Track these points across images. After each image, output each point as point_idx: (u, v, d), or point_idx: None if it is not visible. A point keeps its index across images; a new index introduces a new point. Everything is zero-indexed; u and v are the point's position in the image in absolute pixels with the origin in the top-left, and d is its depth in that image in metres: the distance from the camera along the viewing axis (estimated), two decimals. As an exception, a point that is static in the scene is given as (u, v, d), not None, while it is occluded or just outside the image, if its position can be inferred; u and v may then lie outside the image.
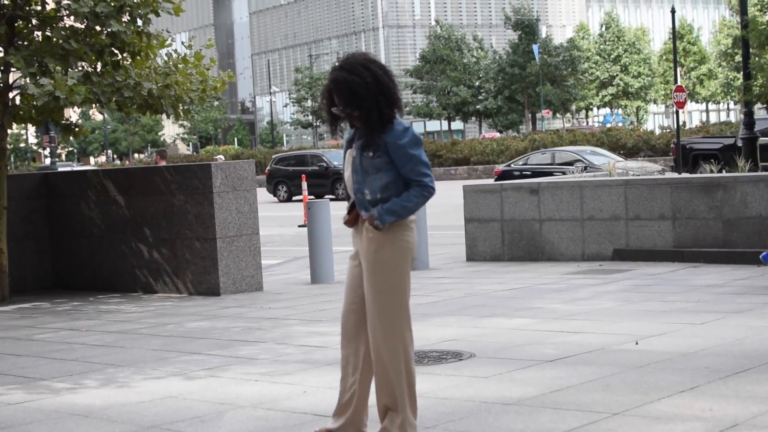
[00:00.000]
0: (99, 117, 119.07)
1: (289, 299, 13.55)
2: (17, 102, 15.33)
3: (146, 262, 15.20)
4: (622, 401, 6.95)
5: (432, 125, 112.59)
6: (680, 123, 40.26)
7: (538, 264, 15.93)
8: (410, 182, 5.99)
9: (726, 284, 12.55)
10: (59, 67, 13.96)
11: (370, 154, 5.97)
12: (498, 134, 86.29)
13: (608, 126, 74.14)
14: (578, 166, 32.19)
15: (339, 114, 5.99)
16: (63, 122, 15.92)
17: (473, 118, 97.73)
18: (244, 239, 14.53)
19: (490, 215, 16.77)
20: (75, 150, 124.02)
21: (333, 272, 14.99)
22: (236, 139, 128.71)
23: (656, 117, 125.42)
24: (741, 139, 29.10)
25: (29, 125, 18.03)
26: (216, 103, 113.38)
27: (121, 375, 8.97)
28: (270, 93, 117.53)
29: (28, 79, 13.99)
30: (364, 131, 6.00)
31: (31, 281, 16.38)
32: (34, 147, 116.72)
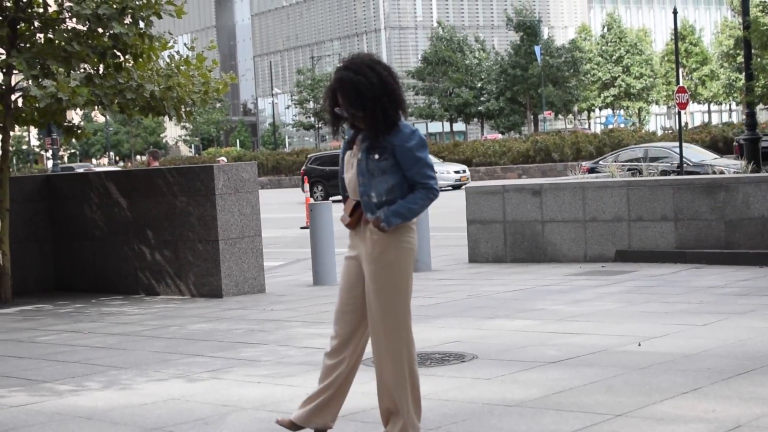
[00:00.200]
0: (101, 119, 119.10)
1: (292, 301, 13.55)
2: (19, 104, 15.34)
3: (148, 264, 15.20)
4: (625, 403, 6.95)
5: (434, 127, 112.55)
6: (682, 124, 40.21)
7: (541, 265, 15.93)
8: (416, 185, 5.98)
9: (728, 285, 12.54)
10: (61, 69, 13.97)
11: (376, 157, 5.95)
12: (500, 136, 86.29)
13: (610, 127, 74.14)
14: (670, 163, 30.59)
15: (341, 114, 5.98)
16: (65, 124, 15.93)
17: (475, 120, 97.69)
18: (247, 241, 14.53)
19: (493, 217, 16.77)
20: (77, 152, 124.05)
21: (335, 274, 14.99)
22: (238, 141, 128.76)
23: (658, 118, 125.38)
24: (743, 140, 29.10)
25: (31, 127, 18.06)
26: (218, 105, 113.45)
27: (124, 377, 8.98)
28: (272, 95, 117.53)
29: (31, 81, 14.00)
30: (369, 133, 5.98)
31: (34, 283, 16.39)
32: (37, 149, 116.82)
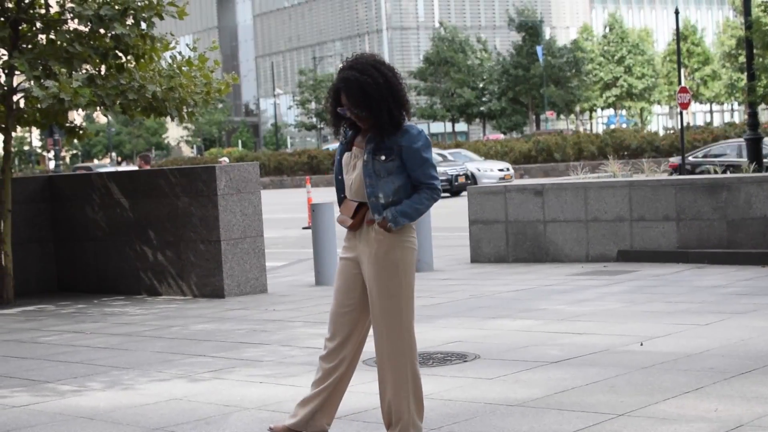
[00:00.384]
0: (103, 120, 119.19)
1: (294, 301, 13.56)
2: (21, 105, 15.35)
3: (151, 265, 15.21)
4: (627, 402, 6.95)
5: (436, 127, 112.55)
6: (684, 124, 40.17)
7: (543, 265, 15.93)
8: (420, 185, 5.99)
9: (730, 285, 12.54)
10: (63, 70, 13.97)
11: (383, 158, 5.94)
12: (502, 136, 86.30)
13: (612, 127, 74.11)
14: None
15: (343, 114, 5.97)
16: (67, 125, 15.94)
17: (477, 120, 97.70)
18: (249, 241, 14.54)
19: (495, 217, 16.77)
20: (79, 153, 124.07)
21: (337, 274, 14.98)
22: (240, 142, 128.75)
23: (660, 118, 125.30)
24: (746, 140, 29.08)
25: (33, 128, 18.07)
26: (220, 106, 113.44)
27: (126, 377, 8.98)
28: (274, 95, 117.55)
29: (33, 82, 14.00)
30: (374, 134, 5.97)
31: (36, 284, 16.39)
32: (39, 150, 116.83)
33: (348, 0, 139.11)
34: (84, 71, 14.54)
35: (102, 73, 14.76)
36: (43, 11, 14.93)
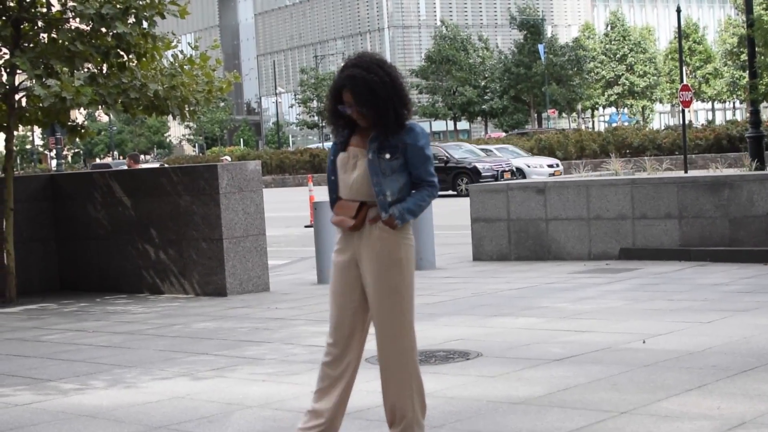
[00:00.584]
0: (105, 118, 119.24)
1: (296, 299, 13.56)
2: (23, 104, 15.36)
3: (153, 263, 15.21)
4: (630, 400, 6.94)
5: (438, 125, 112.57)
6: (686, 122, 40.18)
7: (545, 263, 15.92)
8: (422, 182, 5.99)
9: (733, 283, 12.54)
10: (65, 69, 13.98)
11: (387, 156, 5.93)
12: (503, 134, 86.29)
13: (614, 125, 74.05)
14: None
15: (344, 112, 5.96)
16: (69, 124, 15.94)
17: (479, 118, 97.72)
18: (251, 240, 14.54)
19: (497, 215, 16.76)
20: (81, 151, 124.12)
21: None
22: (242, 140, 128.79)
23: (662, 116, 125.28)
24: (748, 138, 29.08)
25: (35, 127, 18.07)
26: (222, 104, 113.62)
27: (129, 376, 8.98)
28: (276, 94, 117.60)
29: (34, 81, 14.01)
30: (378, 133, 5.95)
31: (38, 283, 16.40)
32: (40, 149, 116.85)
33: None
34: (86, 70, 14.54)
35: (104, 72, 14.76)
36: (45, 10, 14.93)
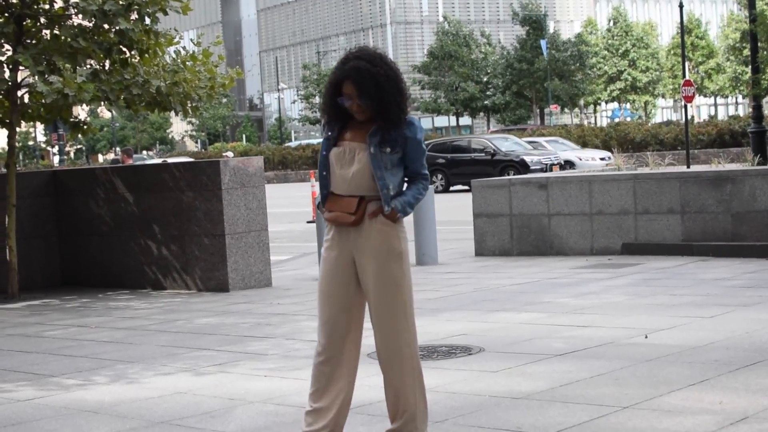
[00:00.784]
0: (107, 115, 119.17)
1: (298, 295, 13.56)
2: (26, 100, 15.36)
3: (155, 259, 15.22)
4: (632, 395, 6.95)
5: (440, 121, 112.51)
6: (689, 117, 40.16)
7: (547, 258, 15.93)
8: (417, 176, 6.00)
9: (735, 278, 12.54)
10: (68, 65, 13.98)
11: (388, 150, 5.92)
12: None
13: (617, 120, 74.02)
14: None
15: (342, 104, 5.93)
16: (71, 120, 15.95)
17: (481, 114, 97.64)
18: (253, 235, 14.54)
19: (499, 210, 16.76)
20: (83, 148, 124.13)
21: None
22: (244, 136, 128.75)
23: (664, 111, 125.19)
24: (750, 133, 29.08)
25: (38, 123, 18.07)
26: (224, 100, 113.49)
27: (131, 371, 8.99)
28: (278, 90, 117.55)
29: (37, 77, 14.00)
30: (379, 126, 5.93)
31: (40, 279, 16.41)
32: (43, 145, 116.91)
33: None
34: (88, 66, 14.54)
35: (106, 68, 14.75)
36: (48, 6, 14.94)
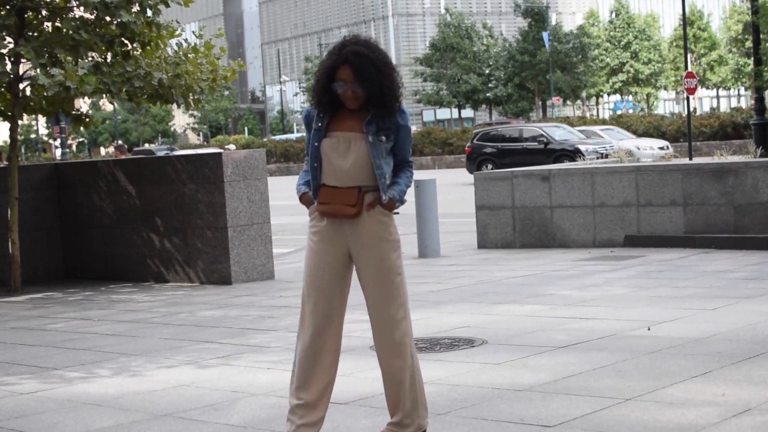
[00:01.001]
0: (109, 107, 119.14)
1: (301, 287, 13.52)
2: (28, 93, 15.35)
3: (158, 252, 15.22)
4: (635, 387, 6.95)
5: (442, 113, 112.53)
6: (691, 109, 40.12)
7: (550, 251, 15.93)
8: (404, 164, 6.00)
9: (737, 270, 12.53)
10: (69, 58, 13.97)
11: (383, 138, 5.91)
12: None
13: (619, 113, 73.97)
14: None
15: (336, 90, 5.82)
16: (73, 113, 15.95)
17: (483, 106, 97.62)
18: (256, 228, 14.55)
19: (501, 202, 16.76)
20: (85, 141, 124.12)
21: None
22: (246, 129, 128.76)
23: (667, 103, 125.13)
24: (753, 125, 29.07)
25: (40, 116, 18.07)
26: (226, 93, 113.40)
27: (134, 364, 8.99)
28: (280, 82, 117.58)
29: (39, 70, 14.00)
30: (374, 115, 5.90)
31: (43, 272, 16.42)
32: (45, 138, 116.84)
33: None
34: (90, 59, 14.53)
35: (108, 61, 14.75)
36: (49, -1, 14.93)
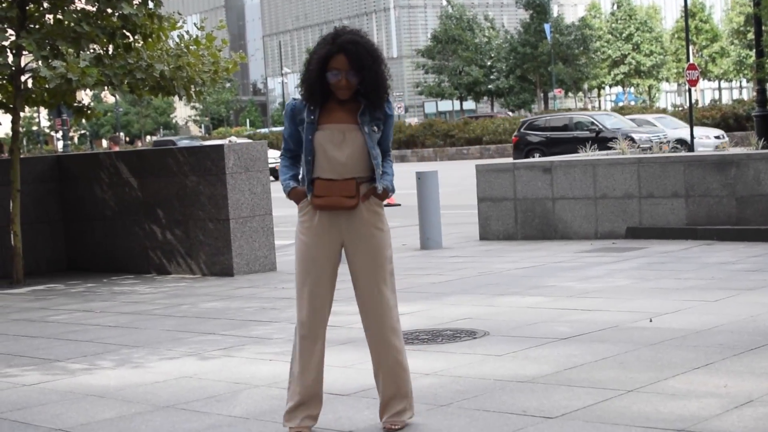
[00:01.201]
0: (111, 99, 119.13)
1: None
2: (29, 85, 15.35)
3: (159, 244, 15.23)
4: (637, 378, 6.95)
5: (444, 105, 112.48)
6: (693, 101, 40.03)
7: (552, 242, 15.93)
8: (387, 153, 6.04)
9: (739, 261, 12.53)
10: (71, 50, 13.96)
11: (375, 129, 5.93)
12: (510, 114, 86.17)
13: (620, 105, 73.91)
14: None
15: (333, 80, 5.79)
16: (75, 105, 15.96)
17: (485, 98, 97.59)
18: (257, 220, 14.55)
19: (503, 194, 16.76)
20: (87, 133, 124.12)
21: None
22: (248, 121, 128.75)
23: (668, 95, 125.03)
24: (755, 117, 29.07)
25: (41, 108, 18.07)
26: (228, 85, 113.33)
27: (136, 355, 9.00)
28: (281, 74, 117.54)
29: (40, 62, 13.99)
30: (366, 105, 5.90)
31: (45, 264, 16.43)
32: (47, 130, 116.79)
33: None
34: (91, 51, 14.53)
35: (109, 53, 14.75)
36: (51, -9, 14.92)
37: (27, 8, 14.78)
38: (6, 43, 14.57)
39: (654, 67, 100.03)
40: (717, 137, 41.10)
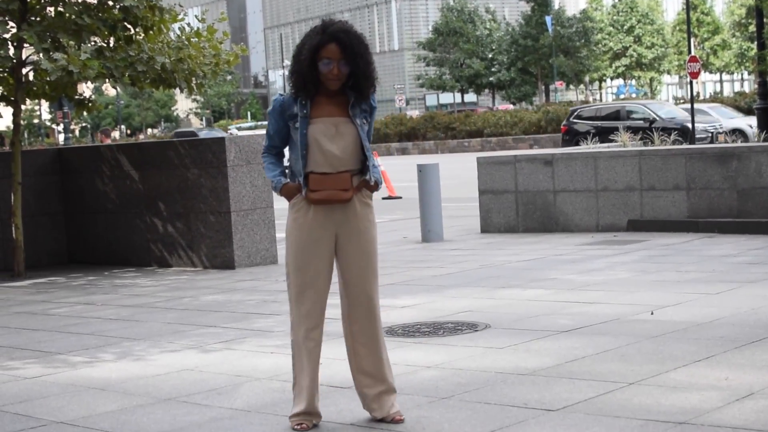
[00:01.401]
0: (112, 92, 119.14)
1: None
2: (30, 78, 15.35)
3: (161, 237, 15.23)
4: (638, 371, 6.95)
5: (445, 98, 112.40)
6: (694, 94, 39.95)
7: (553, 235, 15.92)
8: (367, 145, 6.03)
9: (741, 254, 12.53)
10: (72, 43, 13.96)
11: (364, 122, 5.93)
12: (511, 106, 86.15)
13: (622, 97, 73.86)
14: None
15: (324, 69, 5.74)
16: (76, 97, 15.94)
17: (486, 91, 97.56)
18: (259, 213, 14.55)
19: (504, 187, 16.75)
20: (88, 125, 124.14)
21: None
22: (249, 114, 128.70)
23: (670, 88, 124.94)
24: (756, 110, 29.06)
25: (43, 101, 18.06)
26: (229, 78, 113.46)
27: (137, 348, 9.01)
28: (283, 67, 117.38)
29: (42, 55, 13.99)
30: (356, 98, 5.89)
31: (46, 257, 16.43)
32: (48, 123, 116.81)
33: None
34: (93, 43, 14.53)
35: (111, 45, 14.74)
36: (52, -17, 14.90)
37: (28, 1, 14.76)
38: (7, 36, 14.57)
39: (655, 60, 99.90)
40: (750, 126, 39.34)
